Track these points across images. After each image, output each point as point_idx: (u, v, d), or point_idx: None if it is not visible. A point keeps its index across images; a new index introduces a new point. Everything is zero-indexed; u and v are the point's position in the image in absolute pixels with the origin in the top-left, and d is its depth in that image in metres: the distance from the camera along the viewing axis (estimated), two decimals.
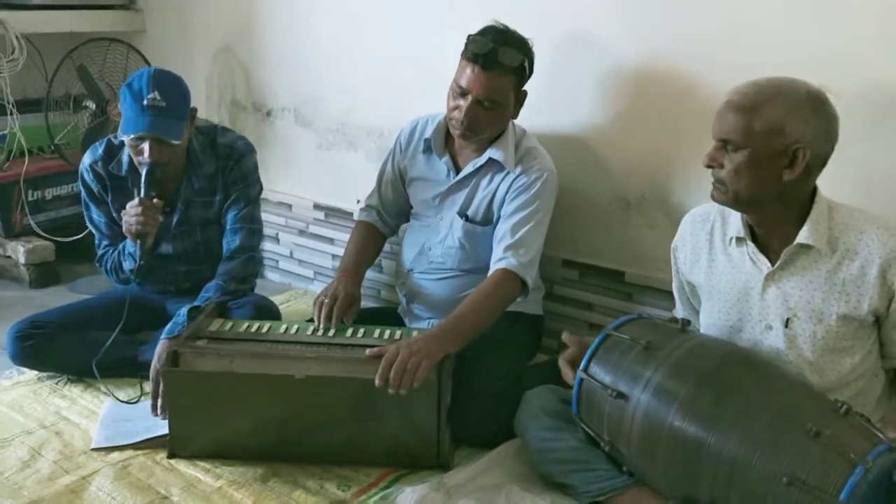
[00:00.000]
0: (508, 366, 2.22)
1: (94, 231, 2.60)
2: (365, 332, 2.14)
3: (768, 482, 1.51)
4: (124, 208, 2.39)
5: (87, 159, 2.54)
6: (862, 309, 1.70)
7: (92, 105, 3.32)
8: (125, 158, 2.48)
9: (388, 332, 2.15)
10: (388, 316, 2.55)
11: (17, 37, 3.29)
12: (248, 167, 2.54)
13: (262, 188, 2.63)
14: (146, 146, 2.30)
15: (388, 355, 1.93)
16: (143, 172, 2.32)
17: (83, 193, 2.57)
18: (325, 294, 2.24)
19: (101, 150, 2.52)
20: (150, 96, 2.27)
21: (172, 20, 3.56)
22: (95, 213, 2.56)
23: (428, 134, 2.42)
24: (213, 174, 2.49)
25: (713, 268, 1.87)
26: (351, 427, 2.00)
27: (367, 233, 2.55)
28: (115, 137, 2.52)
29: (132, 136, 2.30)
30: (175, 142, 2.33)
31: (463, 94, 2.22)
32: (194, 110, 2.43)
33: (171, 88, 2.33)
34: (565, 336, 1.95)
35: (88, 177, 2.53)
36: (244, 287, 2.48)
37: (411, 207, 2.57)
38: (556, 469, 1.89)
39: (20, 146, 3.32)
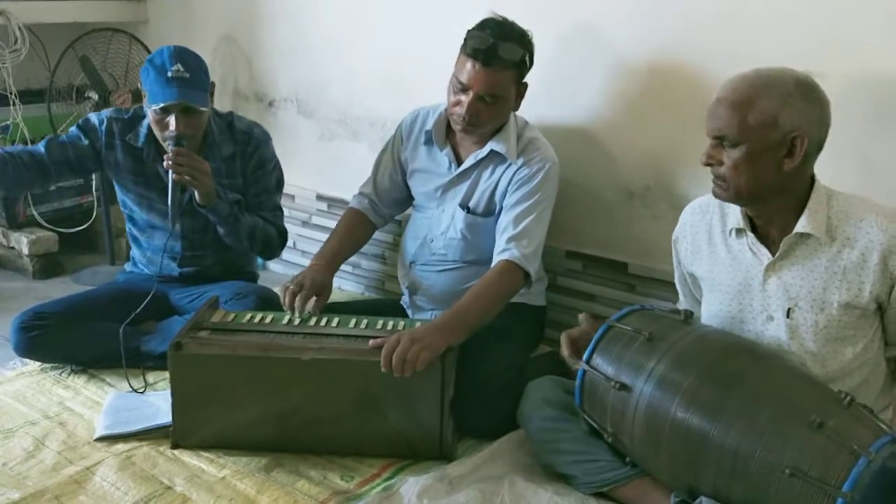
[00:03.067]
0: (511, 357, 2.22)
1: (44, 141, 2.51)
2: (368, 324, 2.15)
3: (771, 473, 1.51)
4: (121, 173, 2.47)
5: (108, 111, 2.56)
6: (863, 297, 1.69)
7: (94, 95, 3.32)
8: (143, 131, 2.49)
9: (391, 323, 2.15)
10: (392, 307, 2.55)
11: (19, 27, 3.30)
12: (266, 155, 2.57)
13: (281, 174, 2.66)
14: (172, 119, 2.32)
15: (389, 344, 1.93)
16: (170, 146, 2.32)
17: (76, 126, 2.54)
18: (292, 281, 2.24)
19: (126, 115, 2.54)
20: (173, 68, 2.31)
21: (174, 10, 3.56)
22: (68, 138, 2.52)
23: (429, 126, 2.41)
24: (229, 157, 2.51)
25: (714, 259, 1.87)
26: (354, 418, 2.00)
27: (355, 221, 2.55)
28: (142, 109, 2.52)
29: (160, 106, 2.31)
30: (202, 108, 2.36)
31: (464, 89, 2.21)
32: (213, 85, 2.46)
33: (193, 61, 2.38)
34: (583, 317, 1.94)
35: (97, 121, 2.53)
36: (257, 242, 2.52)
37: (408, 198, 2.57)
38: (558, 460, 1.89)
39: (23, 136, 3.33)
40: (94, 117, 2.55)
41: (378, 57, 2.94)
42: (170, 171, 2.31)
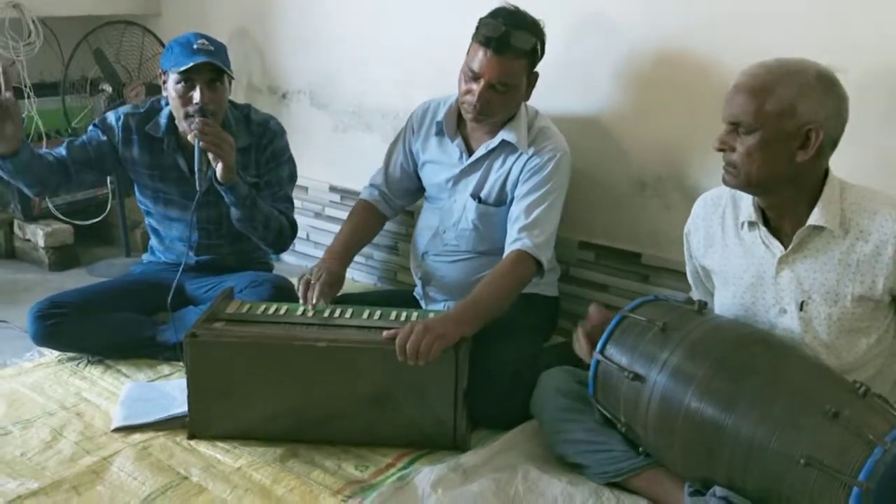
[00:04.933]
0: (524, 348, 2.22)
1: (64, 144, 2.53)
2: (382, 315, 2.15)
3: (786, 463, 1.52)
4: (138, 168, 2.50)
5: (124, 108, 2.59)
6: (877, 289, 1.69)
7: (108, 88, 3.34)
8: (163, 120, 2.51)
9: (404, 314, 2.16)
10: (405, 298, 2.56)
11: (33, 20, 3.31)
12: (279, 147, 2.59)
13: (295, 168, 2.66)
14: (196, 92, 2.34)
15: (402, 333, 1.93)
16: (196, 117, 2.33)
17: (93, 125, 2.57)
18: (310, 272, 2.26)
19: (142, 109, 2.56)
20: (199, 42, 2.36)
21: (188, 3, 3.56)
22: (87, 138, 2.55)
23: (440, 117, 2.41)
24: (245, 148, 2.52)
25: (726, 252, 1.86)
26: (369, 408, 2.02)
27: (366, 213, 2.56)
28: (159, 101, 2.55)
29: (186, 68, 2.32)
30: (228, 73, 2.40)
31: (475, 78, 2.21)
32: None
33: (216, 41, 2.42)
34: (593, 308, 1.94)
35: (113, 118, 2.55)
36: (271, 231, 2.51)
37: (419, 189, 2.58)
38: (572, 450, 1.90)
39: (38, 129, 3.35)
40: (111, 115, 2.56)
41: (390, 48, 2.94)
42: (196, 140, 2.30)
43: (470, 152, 2.40)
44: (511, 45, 2.16)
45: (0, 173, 2.39)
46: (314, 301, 2.18)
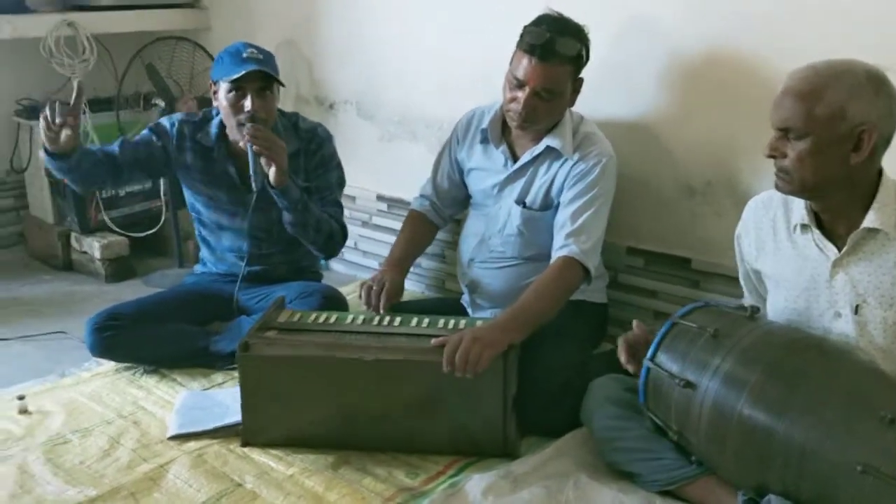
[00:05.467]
0: (573, 355, 2.22)
1: (118, 141, 2.61)
2: (430, 323, 2.16)
3: (841, 470, 1.49)
4: (191, 174, 2.57)
5: (179, 115, 2.65)
6: None
7: (161, 102, 3.40)
8: (214, 130, 2.56)
9: (452, 322, 2.16)
10: (452, 306, 2.57)
11: (87, 38, 3.40)
12: (328, 153, 2.62)
13: (343, 173, 2.68)
14: (247, 101, 2.38)
15: (451, 343, 1.94)
16: (247, 124, 2.37)
17: (148, 129, 2.62)
18: (373, 280, 2.29)
19: (196, 118, 2.62)
20: (248, 51, 2.41)
21: (236, 17, 3.63)
22: (140, 139, 2.60)
23: (485, 124, 2.42)
24: (294, 153, 2.55)
25: (778, 256, 1.83)
26: (418, 416, 2.03)
27: (419, 223, 2.58)
28: (211, 111, 2.61)
29: (238, 76, 2.36)
30: (278, 80, 2.45)
31: (520, 85, 2.21)
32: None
33: (264, 50, 2.47)
34: (635, 323, 1.93)
35: (168, 124, 2.61)
36: (322, 235, 2.53)
37: (467, 198, 2.58)
38: (623, 458, 1.89)
39: (93, 144, 3.42)
40: (165, 121, 2.62)
41: (434, 58, 2.96)
42: (249, 146, 2.35)
43: (515, 159, 2.40)
44: (556, 51, 2.16)
45: (51, 168, 2.49)
46: (381, 309, 2.21)
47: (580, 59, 2.24)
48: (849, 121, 1.59)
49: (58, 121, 2.28)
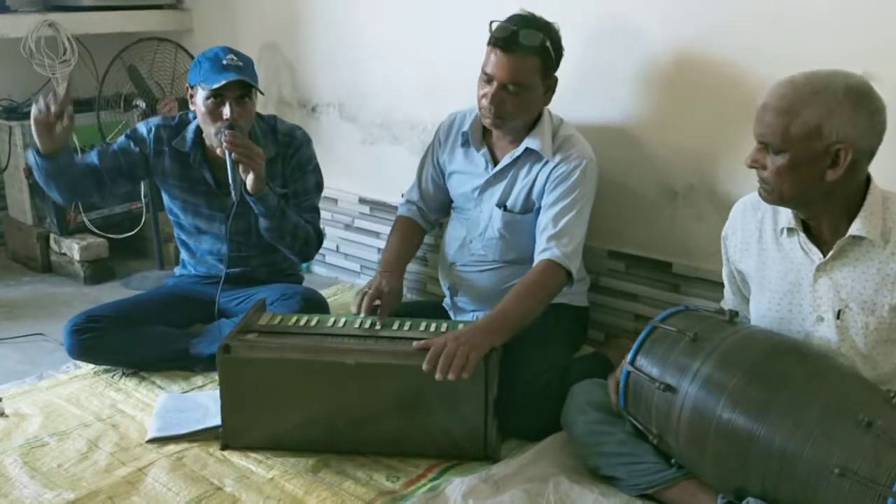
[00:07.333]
0: (554, 358, 2.22)
1: (95, 152, 2.59)
2: (411, 326, 2.16)
3: (820, 473, 1.50)
4: (168, 179, 2.54)
5: (155, 119, 2.63)
6: None
7: (142, 104, 3.38)
8: (189, 135, 2.54)
9: (434, 325, 2.16)
10: (434, 309, 2.57)
11: (68, 38, 3.38)
12: (305, 157, 2.60)
13: (321, 177, 2.67)
14: (226, 108, 2.37)
15: (434, 347, 1.94)
16: (224, 132, 2.35)
17: (125, 136, 2.61)
18: (370, 286, 2.27)
19: (173, 122, 2.60)
20: (228, 57, 2.39)
21: (219, 19, 3.62)
22: (118, 146, 2.58)
23: (465, 127, 2.43)
24: (272, 158, 2.54)
25: (763, 257, 1.85)
26: (399, 419, 2.02)
27: (408, 228, 2.58)
28: (187, 115, 2.59)
29: (216, 87, 2.34)
30: (257, 91, 2.43)
31: (489, 80, 2.22)
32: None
33: (244, 56, 2.46)
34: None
35: (145, 130, 2.59)
36: (298, 241, 2.52)
37: (452, 201, 2.58)
38: (603, 462, 1.89)
39: (73, 145, 3.39)
40: (142, 126, 2.60)
41: (417, 62, 2.96)
42: (227, 153, 2.34)
43: (495, 162, 2.40)
44: (519, 42, 2.16)
45: (36, 173, 2.46)
46: (383, 317, 2.19)
47: (546, 51, 2.22)
48: (825, 138, 1.59)
49: (54, 109, 2.26)
